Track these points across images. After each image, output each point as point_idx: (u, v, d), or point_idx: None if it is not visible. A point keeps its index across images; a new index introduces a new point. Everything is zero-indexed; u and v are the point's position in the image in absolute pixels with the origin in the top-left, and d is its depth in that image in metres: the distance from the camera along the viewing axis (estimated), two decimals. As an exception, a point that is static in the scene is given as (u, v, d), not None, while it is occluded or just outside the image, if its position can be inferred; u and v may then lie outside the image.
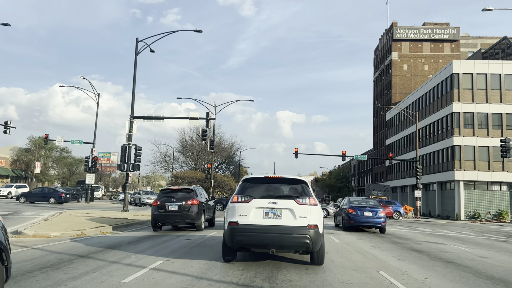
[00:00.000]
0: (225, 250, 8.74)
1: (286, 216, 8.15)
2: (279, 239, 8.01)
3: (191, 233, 16.07)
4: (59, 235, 13.73)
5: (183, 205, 16.37)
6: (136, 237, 14.02)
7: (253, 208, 8.24)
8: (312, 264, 8.90)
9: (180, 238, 13.92)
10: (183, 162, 71.25)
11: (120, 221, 19.62)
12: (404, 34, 77.76)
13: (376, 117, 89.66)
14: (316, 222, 8.17)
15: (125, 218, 21.78)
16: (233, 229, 8.16)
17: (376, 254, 11.38)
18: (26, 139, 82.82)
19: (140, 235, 15.06)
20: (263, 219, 8.16)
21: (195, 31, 28.60)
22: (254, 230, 8.03)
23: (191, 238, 13.98)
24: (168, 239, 13.62)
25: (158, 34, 28.88)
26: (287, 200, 8.32)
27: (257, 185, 8.72)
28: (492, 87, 47.39)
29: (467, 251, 13.32)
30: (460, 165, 47.00)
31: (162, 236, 14.66)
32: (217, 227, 18.62)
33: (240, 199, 8.43)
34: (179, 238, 13.92)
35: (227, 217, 8.51)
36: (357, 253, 11.42)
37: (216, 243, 12.42)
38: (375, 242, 14.65)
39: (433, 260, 10.78)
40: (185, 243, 12.53)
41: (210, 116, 31.31)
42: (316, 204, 8.39)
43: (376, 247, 13.05)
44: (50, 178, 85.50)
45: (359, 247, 12.82)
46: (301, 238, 7.99)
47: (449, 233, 21.87)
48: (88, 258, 9.15)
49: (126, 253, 10.10)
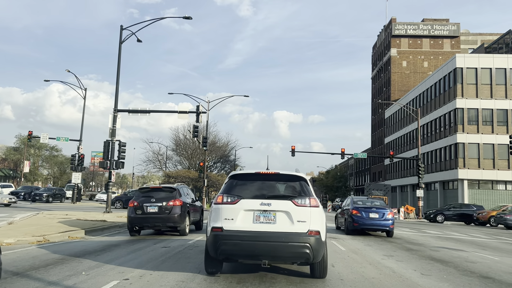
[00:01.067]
0: (208, 260, 7.33)
1: (281, 221, 6.79)
2: (273, 248, 6.63)
3: (173, 238, 13.97)
4: (14, 242, 11.59)
5: (163, 206, 14.25)
6: (106, 244, 11.91)
7: (241, 210, 6.85)
8: (313, 277, 7.43)
9: (156, 245, 11.79)
10: (177, 161, 69.40)
11: (96, 224, 17.53)
12: (403, 30, 75.85)
13: (374, 115, 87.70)
14: (318, 227, 6.80)
15: (103, 220, 19.68)
16: (217, 236, 6.76)
17: (393, 266, 9.29)
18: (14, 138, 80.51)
19: (113, 240, 12.95)
20: (254, 224, 6.80)
21: (184, 18, 26.50)
22: (242, 237, 6.66)
23: (170, 245, 11.85)
24: (141, 246, 11.50)
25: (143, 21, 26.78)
26: (283, 200, 6.92)
27: (247, 183, 7.30)
28: (497, 82, 45.48)
29: (496, 260, 11.27)
30: (464, 163, 45.06)
31: (136, 242, 12.53)
32: (205, 231, 16.48)
33: (225, 199, 7.03)
34: (156, 245, 11.79)
35: (210, 221, 7.10)
36: (369, 265, 9.33)
37: (198, 252, 10.33)
38: (386, 250, 12.55)
39: (464, 274, 8.70)
40: (161, 252, 10.42)
41: (202, 111, 29.16)
42: (317, 206, 7.00)
43: (389, 256, 10.97)
44: (40, 178, 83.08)
45: (369, 257, 10.73)
46: (299, 248, 6.62)
47: (460, 236, 19.82)
48: (23, 277, 7.01)
49: (81, 266, 8.01)
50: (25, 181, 72.45)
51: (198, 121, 28.22)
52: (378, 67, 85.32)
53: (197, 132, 35.43)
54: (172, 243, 12.25)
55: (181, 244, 11.99)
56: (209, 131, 60.50)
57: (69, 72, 40.00)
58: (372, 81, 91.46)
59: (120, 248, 10.98)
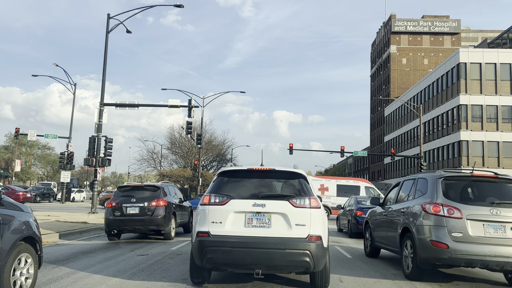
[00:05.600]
0: (194, 269, 6.53)
1: (277, 224, 6.01)
2: (267, 256, 5.84)
3: (156, 243, 12.37)
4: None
5: (145, 207, 12.64)
6: (76, 250, 10.34)
7: (231, 212, 6.07)
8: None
9: (133, 252, 10.18)
10: (173, 160, 67.82)
11: (75, 227, 15.99)
12: (403, 26, 74.43)
13: (373, 114, 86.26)
14: (319, 231, 6.01)
15: (84, 222, 18.10)
16: (203, 242, 5.95)
17: (415, 283, 7.68)
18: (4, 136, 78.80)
19: (86, 246, 11.39)
20: (245, 228, 6.01)
21: (175, 6, 24.91)
22: (232, 243, 5.86)
23: (149, 252, 10.24)
24: (115, 254, 9.88)
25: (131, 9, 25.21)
26: (279, 201, 6.07)
27: (238, 181, 6.47)
28: (502, 77, 44.02)
29: None
30: (468, 161, 43.57)
31: (111, 248, 10.92)
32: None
33: (213, 199, 6.20)
34: (132, 252, 10.18)
35: (195, 225, 6.27)
36: (383, 279, 7.73)
37: (179, 263, 8.72)
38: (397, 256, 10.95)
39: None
40: (135, 261, 8.81)
41: (194, 105, 27.56)
42: (318, 207, 6.17)
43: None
44: (32, 177, 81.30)
45: (382, 267, 9.12)
46: (298, 255, 5.84)
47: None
48: None
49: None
50: (17, 180, 70.68)
51: (190, 115, 26.58)
52: (377, 64, 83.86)
53: (191, 129, 33.86)
54: (151, 250, 10.65)
55: (161, 252, 10.37)
56: (205, 129, 58.99)
57: (57, 66, 38.36)
58: (371, 79, 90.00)
59: (87, 257, 9.36)
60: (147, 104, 29.82)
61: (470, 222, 6.84)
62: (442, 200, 7.19)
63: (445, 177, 7.55)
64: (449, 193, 7.29)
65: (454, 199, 7.17)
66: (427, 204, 7.33)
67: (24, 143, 72.73)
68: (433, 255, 7.01)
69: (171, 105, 25.78)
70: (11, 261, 5.06)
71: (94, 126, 24.18)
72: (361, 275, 7.93)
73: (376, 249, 10.46)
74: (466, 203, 7.05)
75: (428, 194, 7.56)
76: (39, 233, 5.78)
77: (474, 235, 6.77)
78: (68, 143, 40.87)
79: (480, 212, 6.87)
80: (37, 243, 5.64)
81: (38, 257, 5.69)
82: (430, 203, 7.28)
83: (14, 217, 5.26)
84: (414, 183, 8.54)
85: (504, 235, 6.73)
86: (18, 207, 5.57)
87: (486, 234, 6.76)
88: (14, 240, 5.10)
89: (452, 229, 6.87)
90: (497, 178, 7.53)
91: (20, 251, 5.26)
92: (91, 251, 10.33)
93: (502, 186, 7.43)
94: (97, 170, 24.23)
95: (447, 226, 6.93)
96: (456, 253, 6.77)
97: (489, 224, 6.82)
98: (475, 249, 6.69)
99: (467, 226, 6.81)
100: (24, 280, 5.38)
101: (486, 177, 7.58)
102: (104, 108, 24.49)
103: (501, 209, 6.85)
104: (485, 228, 6.81)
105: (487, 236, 6.73)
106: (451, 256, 6.80)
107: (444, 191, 7.32)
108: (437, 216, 7.08)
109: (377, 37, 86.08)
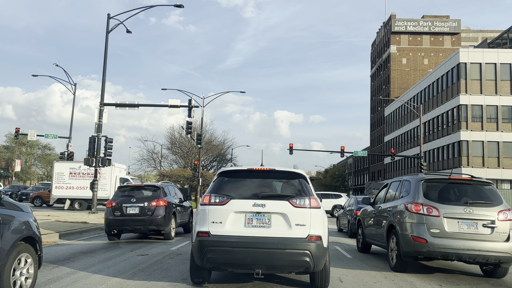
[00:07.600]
0: (194, 269, 6.55)
1: (277, 224, 6.04)
2: (267, 256, 5.87)
3: (156, 242, 12.38)
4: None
5: (145, 206, 12.65)
6: (76, 250, 10.34)
7: (231, 212, 6.10)
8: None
9: (133, 252, 10.18)
10: (173, 160, 67.82)
11: (75, 226, 16.01)
12: (403, 26, 74.39)
13: (373, 114, 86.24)
14: (319, 231, 6.05)
15: (84, 222, 18.10)
16: (203, 242, 5.98)
17: (413, 280, 7.69)
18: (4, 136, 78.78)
19: (86, 246, 11.39)
20: (245, 228, 6.05)
21: (175, 6, 24.92)
22: (232, 243, 5.89)
23: (149, 252, 10.25)
24: (115, 254, 9.88)
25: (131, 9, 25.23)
26: (279, 201, 6.11)
27: (238, 181, 6.51)
28: (502, 77, 44.00)
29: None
30: (468, 161, 43.57)
31: (111, 248, 10.92)
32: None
33: (213, 199, 6.24)
34: (132, 252, 10.19)
35: (195, 225, 6.33)
36: (384, 279, 7.74)
37: (179, 263, 8.73)
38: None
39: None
40: (135, 261, 8.81)
41: (194, 105, 27.56)
42: (318, 207, 6.22)
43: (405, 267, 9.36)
44: (32, 177, 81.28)
45: (382, 267, 9.13)
46: (298, 255, 5.88)
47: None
48: None
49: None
50: (17, 180, 70.68)
51: (190, 115, 26.57)
52: (378, 64, 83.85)
53: (191, 129, 33.86)
54: (151, 250, 10.66)
55: (161, 252, 10.38)
56: (205, 129, 59.00)
57: (57, 66, 38.37)
58: (371, 79, 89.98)
59: (87, 257, 9.37)
60: (147, 104, 29.80)
61: (447, 220, 7.69)
62: (422, 200, 8.08)
63: (425, 180, 8.44)
64: (429, 194, 8.17)
65: (433, 199, 8.05)
66: (409, 204, 8.21)
67: (24, 143, 72.71)
68: (414, 249, 7.86)
69: (171, 105, 25.78)
70: (11, 261, 5.06)
71: (94, 126, 24.17)
72: (361, 275, 7.94)
73: (367, 245, 11.22)
74: (443, 203, 7.91)
75: (410, 195, 8.44)
76: (39, 233, 5.78)
77: (450, 231, 7.65)
78: (68, 143, 40.88)
79: (455, 210, 7.72)
80: (37, 243, 5.64)
81: (38, 257, 5.71)
82: (412, 203, 8.16)
83: (14, 217, 5.25)
84: (400, 184, 9.36)
85: (476, 231, 7.59)
86: (18, 207, 5.58)
87: (460, 230, 7.63)
88: (14, 240, 5.10)
89: (430, 226, 7.74)
90: (471, 181, 8.32)
91: (20, 251, 5.26)
92: (91, 251, 10.34)
93: (476, 188, 8.25)
94: (97, 170, 24.21)
95: (427, 223, 7.80)
96: (434, 247, 7.64)
97: (463, 221, 7.68)
98: (451, 244, 7.55)
99: (444, 223, 7.67)
100: (24, 280, 5.37)
101: (462, 179, 8.43)
102: (104, 108, 24.48)
103: (474, 208, 7.69)
104: (459, 225, 7.67)
105: (461, 232, 7.60)
106: (430, 250, 7.67)
107: (425, 192, 8.21)
108: (417, 214, 7.96)
109: (377, 37, 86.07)
